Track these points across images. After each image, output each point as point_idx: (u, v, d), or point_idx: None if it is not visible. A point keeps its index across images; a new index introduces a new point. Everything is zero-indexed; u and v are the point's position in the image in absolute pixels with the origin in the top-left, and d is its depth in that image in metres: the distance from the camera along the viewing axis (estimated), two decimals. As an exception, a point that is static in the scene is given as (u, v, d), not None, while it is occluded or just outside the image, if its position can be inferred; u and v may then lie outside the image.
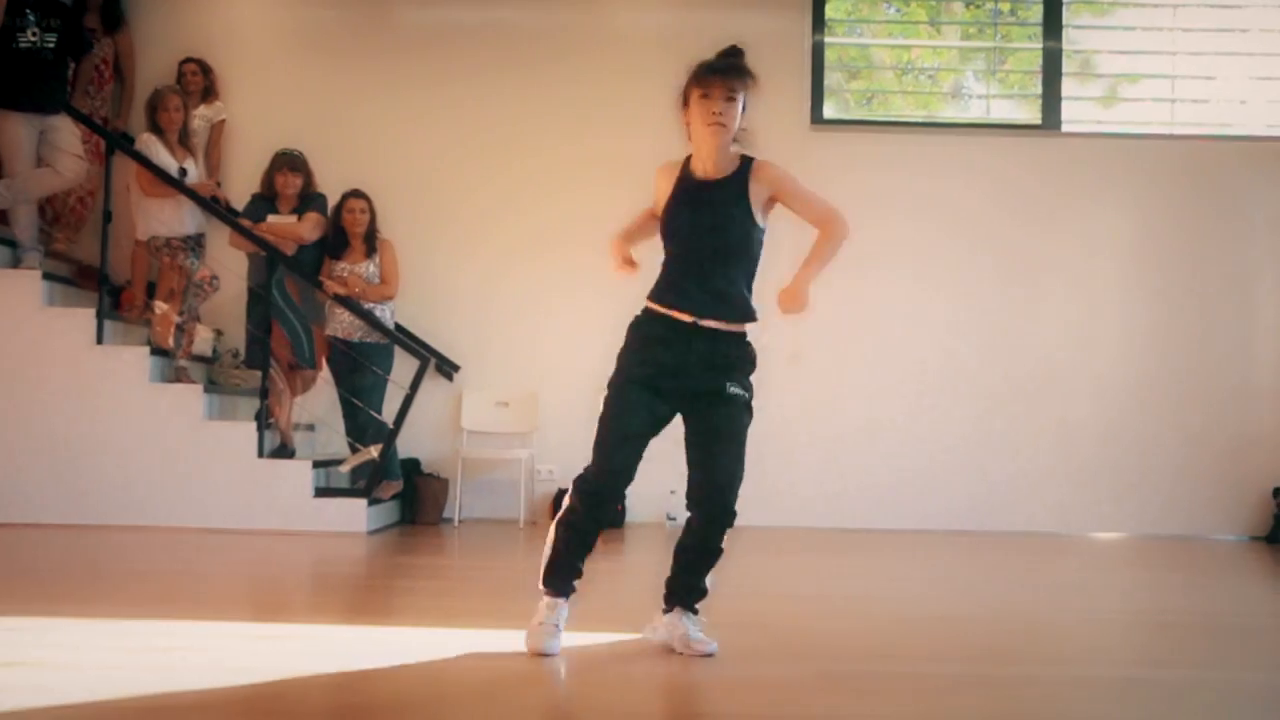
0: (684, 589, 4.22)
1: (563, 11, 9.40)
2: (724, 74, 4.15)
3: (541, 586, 4.20)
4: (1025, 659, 4.42)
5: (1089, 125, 9.47)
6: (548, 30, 9.37)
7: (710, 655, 4.10)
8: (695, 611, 4.22)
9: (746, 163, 4.23)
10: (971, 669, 4.16)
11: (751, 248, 4.26)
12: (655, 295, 4.16)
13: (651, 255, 4.31)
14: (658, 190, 4.27)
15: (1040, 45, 9.45)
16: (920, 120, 9.66)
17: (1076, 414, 9.18)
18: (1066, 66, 9.46)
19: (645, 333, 4.14)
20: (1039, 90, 9.43)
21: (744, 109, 4.21)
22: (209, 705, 3.44)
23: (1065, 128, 9.40)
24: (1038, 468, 9.13)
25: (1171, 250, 9.29)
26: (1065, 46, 9.45)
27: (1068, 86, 9.44)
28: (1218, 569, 7.50)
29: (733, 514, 4.10)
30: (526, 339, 9.15)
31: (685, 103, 4.20)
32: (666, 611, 4.26)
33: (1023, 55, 9.71)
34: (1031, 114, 9.48)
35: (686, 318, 4.09)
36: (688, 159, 4.25)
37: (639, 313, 4.20)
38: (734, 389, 4.10)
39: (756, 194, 4.24)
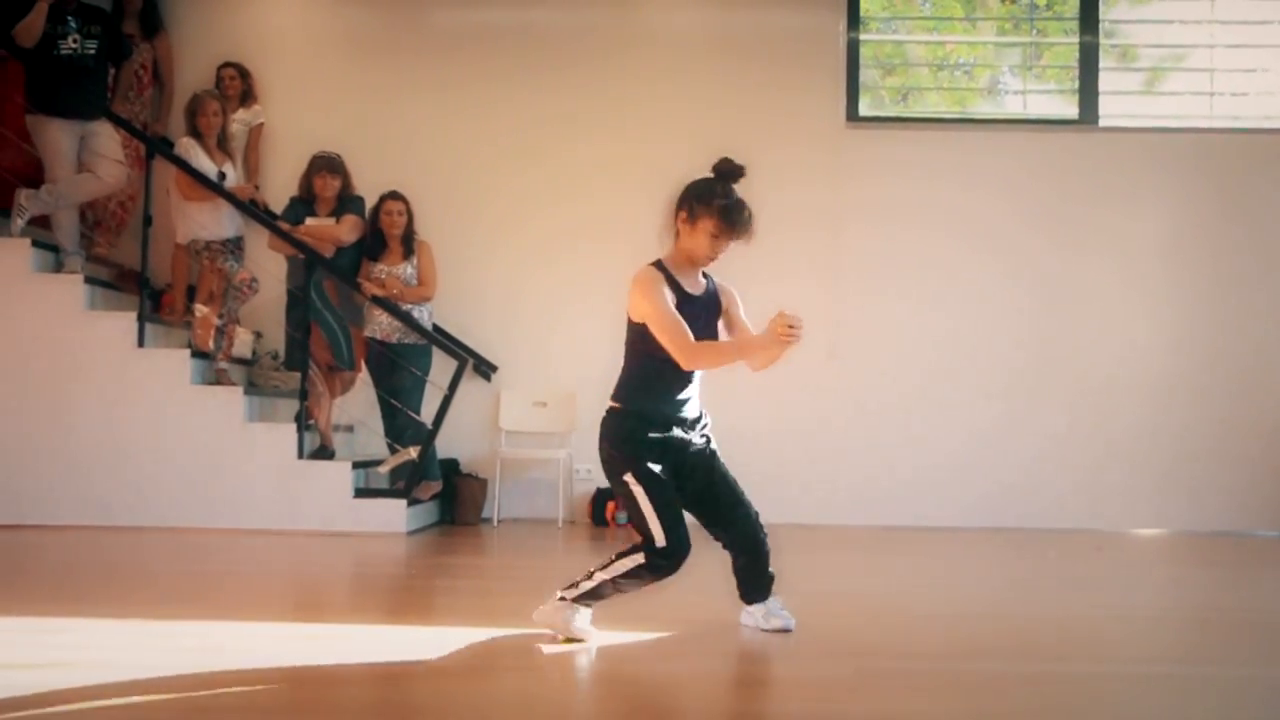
0: (758, 589, 4.62)
1: (596, 12, 9.41)
2: (741, 235, 4.37)
3: (572, 600, 4.40)
4: (1063, 655, 4.40)
5: (1127, 119, 9.39)
6: (581, 30, 9.39)
7: (788, 630, 4.52)
8: (772, 594, 4.65)
9: (709, 278, 4.55)
10: (1009, 666, 4.15)
11: None
12: (644, 402, 4.42)
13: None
14: (668, 297, 4.37)
15: (1077, 39, 9.40)
16: (956, 116, 9.62)
17: (1114, 409, 9.12)
18: (1103, 60, 9.40)
19: (639, 430, 4.39)
20: (1076, 85, 9.38)
21: None
22: (251, 704, 3.47)
23: (1103, 122, 9.33)
24: (1074, 464, 9.08)
25: (1210, 244, 9.21)
26: (1102, 40, 9.39)
27: (1105, 80, 9.38)
28: (1256, 564, 7.43)
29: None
30: (564, 338, 9.16)
31: (690, 215, 4.35)
32: (750, 604, 4.64)
33: (1059, 49, 9.66)
34: (1068, 108, 9.42)
35: (671, 413, 4.43)
36: (661, 267, 4.42)
37: (618, 412, 4.43)
38: (713, 445, 4.59)
39: (723, 305, 4.59)
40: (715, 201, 4.30)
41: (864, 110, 9.42)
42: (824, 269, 9.19)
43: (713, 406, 4.60)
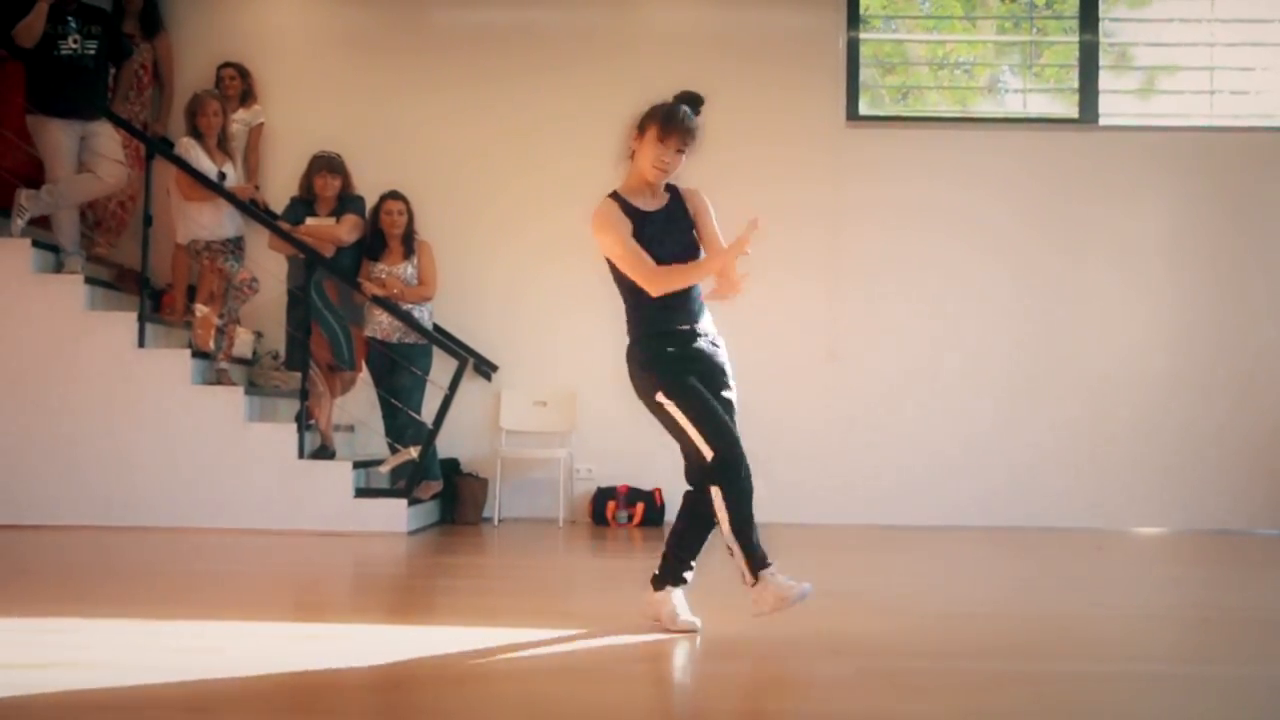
0: (693, 548, 4.60)
1: (596, 12, 9.42)
2: (683, 133, 4.52)
3: (754, 572, 4.39)
4: (1064, 655, 4.40)
5: (1126, 118, 9.40)
6: (581, 30, 9.39)
7: (695, 631, 4.46)
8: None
9: (673, 189, 4.65)
10: (1011, 665, 4.15)
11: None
12: (654, 321, 4.50)
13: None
14: (623, 229, 4.50)
15: (1076, 38, 9.40)
16: (956, 115, 9.62)
17: (1114, 407, 9.12)
18: (1103, 59, 9.41)
19: (663, 347, 4.48)
20: (1075, 84, 9.38)
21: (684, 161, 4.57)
22: (250, 703, 3.47)
23: (1103, 121, 9.34)
24: (1074, 462, 9.08)
25: (1210, 242, 9.22)
26: (1102, 39, 9.39)
27: (1104, 79, 9.38)
28: (1257, 563, 7.44)
29: None
30: (564, 338, 9.16)
31: (640, 131, 4.56)
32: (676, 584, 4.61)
33: (1059, 48, 9.66)
34: (1068, 108, 9.42)
35: (686, 327, 4.52)
36: (616, 196, 4.59)
37: (637, 340, 4.54)
38: (732, 390, 4.60)
39: (691, 213, 4.67)
40: (658, 110, 4.55)
41: (864, 109, 9.42)
42: (824, 268, 9.19)
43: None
